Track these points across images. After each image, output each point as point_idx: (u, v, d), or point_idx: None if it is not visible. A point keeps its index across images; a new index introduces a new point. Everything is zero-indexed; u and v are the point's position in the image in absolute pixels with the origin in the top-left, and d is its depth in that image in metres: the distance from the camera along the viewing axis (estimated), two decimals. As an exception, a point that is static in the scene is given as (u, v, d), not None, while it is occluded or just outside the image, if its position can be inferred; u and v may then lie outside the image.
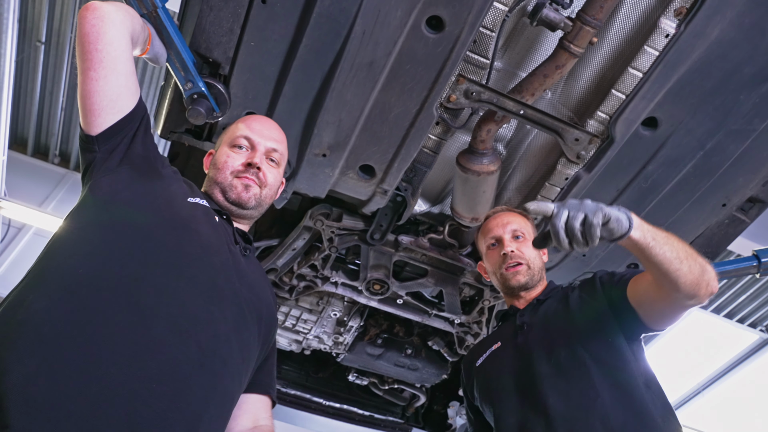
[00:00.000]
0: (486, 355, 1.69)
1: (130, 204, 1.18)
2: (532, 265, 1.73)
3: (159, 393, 0.96)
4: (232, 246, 1.28)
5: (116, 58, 1.18)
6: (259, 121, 1.52)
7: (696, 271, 1.28)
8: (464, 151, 1.91)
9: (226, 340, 1.12)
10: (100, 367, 0.94)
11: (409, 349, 2.61)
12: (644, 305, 1.46)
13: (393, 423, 2.86)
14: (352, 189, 1.95)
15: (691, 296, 1.32)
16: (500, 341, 1.69)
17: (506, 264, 1.72)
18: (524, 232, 1.77)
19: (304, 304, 2.45)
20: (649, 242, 1.26)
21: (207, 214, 1.28)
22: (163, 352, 1.00)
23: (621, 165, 1.85)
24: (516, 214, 1.83)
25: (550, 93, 1.88)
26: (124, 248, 1.10)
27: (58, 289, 1.01)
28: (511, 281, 1.71)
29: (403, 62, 1.63)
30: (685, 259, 1.28)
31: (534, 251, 1.73)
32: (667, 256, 1.27)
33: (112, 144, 1.22)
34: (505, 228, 1.78)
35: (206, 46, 1.61)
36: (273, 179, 1.45)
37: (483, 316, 2.38)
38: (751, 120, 1.74)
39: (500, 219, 1.81)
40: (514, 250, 1.72)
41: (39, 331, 0.94)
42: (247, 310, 1.21)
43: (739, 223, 2.04)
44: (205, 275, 1.15)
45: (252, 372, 1.27)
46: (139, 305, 1.02)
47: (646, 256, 1.28)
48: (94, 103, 1.19)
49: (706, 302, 1.39)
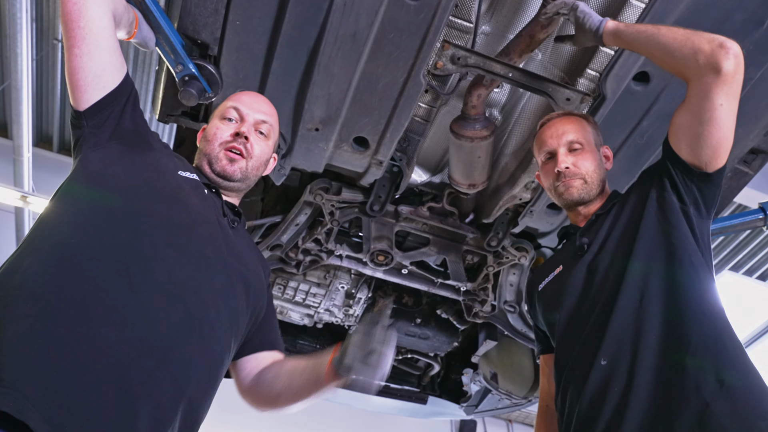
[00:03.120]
0: (548, 279, 1.61)
1: (119, 177, 1.23)
2: (589, 179, 1.55)
3: (147, 353, 1.02)
4: (221, 218, 1.33)
5: (98, 35, 1.22)
6: (249, 95, 1.55)
7: (705, 38, 1.33)
8: (457, 117, 1.92)
9: (213, 306, 1.17)
10: (91, 327, 0.99)
11: (418, 318, 2.65)
12: (681, 129, 1.40)
13: (409, 392, 2.91)
14: (348, 162, 1.98)
15: (713, 65, 1.31)
16: (562, 264, 1.58)
17: (560, 179, 1.57)
18: (582, 141, 1.58)
19: (311, 278, 2.51)
20: (632, 27, 1.39)
21: (196, 187, 1.32)
22: (151, 316, 1.05)
23: (615, 122, 1.84)
24: (573, 119, 1.63)
25: (541, 54, 1.87)
26: (113, 219, 1.15)
27: (52, 257, 1.06)
28: (565, 194, 1.56)
29: (386, 31, 1.64)
30: (686, 33, 1.35)
31: (592, 163, 1.56)
32: (667, 36, 1.36)
33: (100, 119, 1.27)
34: (560, 139, 1.58)
35: (193, 27, 1.65)
36: (260, 151, 1.46)
37: (488, 282, 2.40)
38: (746, 68, 1.69)
39: (555, 128, 1.60)
40: (570, 166, 1.55)
41: (33, 294, 1.00)
42: (234, 279, 1.25)
43: (742, 176, 2.00)
44: (192, 245, 1.20)
45: (243, 338, 1.32)
46: (128, 272, 1.07)
47: (644, 45, 1.40)
48: (80, 79, 1.23)
49: (737, 87, 1.34)
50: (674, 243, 1.38)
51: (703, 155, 1.38)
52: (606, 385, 1.29)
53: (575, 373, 1.38)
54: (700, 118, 1.34)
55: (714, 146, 1.36)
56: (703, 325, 1.28)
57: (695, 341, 1.25)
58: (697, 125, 1.36)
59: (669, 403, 1.21)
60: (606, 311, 1.36)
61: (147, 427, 0.98)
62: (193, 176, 1.36)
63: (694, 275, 1.35)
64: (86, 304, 1.01)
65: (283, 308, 2.59)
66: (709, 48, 1.31)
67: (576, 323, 1.43)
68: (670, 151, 1.44)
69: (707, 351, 1.24)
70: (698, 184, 1.41)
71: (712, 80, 1.31)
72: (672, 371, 1.24)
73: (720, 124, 1.33)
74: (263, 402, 1.38)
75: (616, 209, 1.52)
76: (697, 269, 1.36)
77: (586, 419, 1.31)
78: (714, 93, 1.32)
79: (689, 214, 1.41)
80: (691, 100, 1.36)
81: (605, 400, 1.28)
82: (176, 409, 1.05)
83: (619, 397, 1.27)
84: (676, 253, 1.37)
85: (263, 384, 1.37)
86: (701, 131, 1.35)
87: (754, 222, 2.08)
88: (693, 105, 1.36)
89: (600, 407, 1.29)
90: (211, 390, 1.18)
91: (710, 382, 1.20)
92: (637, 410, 1.24)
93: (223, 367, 1.22)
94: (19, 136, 4.21)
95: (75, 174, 1.26)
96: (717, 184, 1.42)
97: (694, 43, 1.33)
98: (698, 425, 1.17)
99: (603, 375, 1.31)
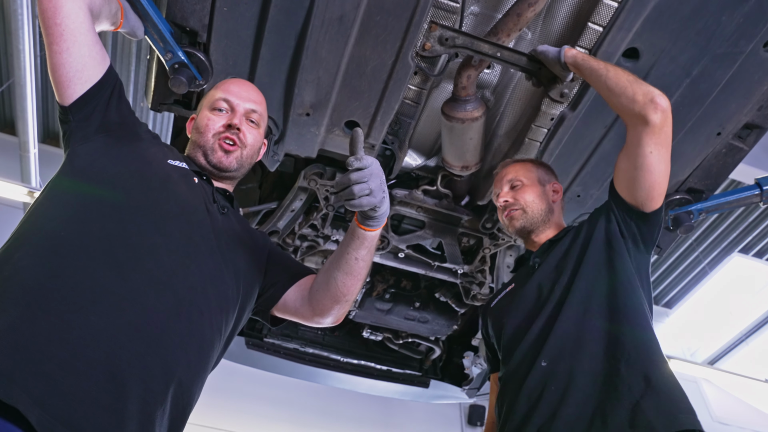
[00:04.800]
0: (500, 296, 1.77)
1: (106, 169, 1.25)
2: (528, 209, 1.76)
3: (137, 338, 1.04)
4: (210, 205, 1.34)
5: (75, 30, 1.23)
6: (237, 84, 1.56)
7: (641, 90, 1.47)
8: (448, 99, 1.92)
9: (202, 291, 1.19)
10: (81, 315, 1.01)
11: (417, 302, 2.67)
12: (620, 171, 1.56)
13: (411, 376, 2.94)
14: (341, 146, 1.99)
15: (643, 117, 1.45)
16: (515, 283, 1.76)
17: (504, 213, 1.80)
18: (522, 179, 1.80)
19: (309, 264, 2.53)
20: (588, 63, 1.56)
21: (184, 175, 1.34)
22: (140, 302, 1.07)
23: (605, 101, 1.82)
24: (520, 164, 1.86)
25: (530, 33, 1.87)
26: (101, 210, 1.17)
27: (42, 248, 1.09)
28: (509, 224, 1.79)
29: (373, 13, 1.64)
30: (628, 81, 1.49)
31: (532, 195, 1.77)
32: (613, 79, 1.51)
33: (85, 113, 1.29)
34: (502, 181, 1.83)
35: (181, 15, 1.66)
36: (253, 139, 1.49)
37: (485, 264, 2.41)
38: (737, 42, 1.69)
39: (501, 174, 1.85)
40: (508, 199, 1.78)
41: (23, 284, 1.03)
42: (224, 264, 1.27)
43: (737, 152, 1.99)
44: (180, 232, 1.21)
45: (235, 320, 1.34)
46: (117, 261, 1.10)
47: (596, 83, 1.56)
48: (62, 75, 1.25)
49: (665, 138, 1.48)
50: (617, 267, 1.55)
51: (638, 197, 1.54)
52: (544, 385, 1.43)
53: (516, 375, 1.51)
54: (634, 164, 1.50)
55: (648, 189, 1.51)
56: (635, 338, 1.44)
57: (629, 350, 1.41)
58: (632, 170, 1.51)
59: (604, 403, 1.35)
60: (550, 321, 1.51)
61: (137, 408, 1.01)
62: (182, 165, 1.38)
63: (633, 296, 1.52)
64: (76, 292, 1.03)
65: (283, 294, 2.61)
66: (642, 101, 1.46)
67: (520, 333, 1.56)
68: (613, 191, 1.62)
69: (638, 358, 1.40)
70: (636, 222, 1.57)
71: (642, 129, 1.46)
72: (609, 376, 1.39)
73: (651, 170, 1.48)
74: (330, 300, 1.37)
75: (570, 237, 1.68)
76: (635, 291, 1.53)
77: (522, 416, 1.43)
78: (644, 141, 1.46)
79: (628, 248, 1.58)
80: (628, 145, 1.52)
81: (542, 398, 1.41)
82: (166, 391, 1.07)
83: (557, 394, 1.39)
84: (618, 277, 1.54)
85: (316, 290, 1.38)
86: (635, 175, 1.51)
87: (750, 198, 2.07)
88: (629, 151, 1.52)
89: (537, 404, 1.41)
90: (202, 373, 1.20)
91: (639, 383, 1.36)
92: (573, 407, 1.37)
93: (213, 350, 1.23)
94: (25, 133, 4.26)
95: (63, 168, 1.29)
96: (655, 223, 1.58)
97: (632, 93, 1.48)
98: (628, 420, 1.31)
99: (542, 375, 1.44)
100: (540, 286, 1.61)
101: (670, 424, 1.30)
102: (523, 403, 1.44)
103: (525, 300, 1.62)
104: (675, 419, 1.31)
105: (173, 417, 1.10)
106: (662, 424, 1.29)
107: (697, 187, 2.14)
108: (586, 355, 1.43)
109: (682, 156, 1.98)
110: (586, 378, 1.39)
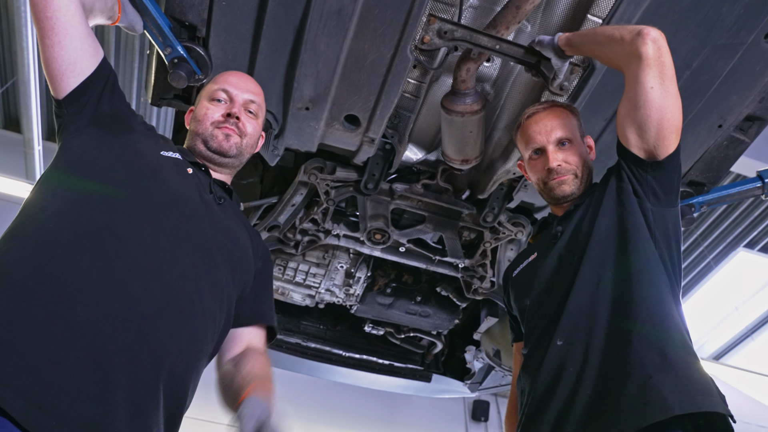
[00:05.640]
0: (522, 266, 1.66)
1: (97, 161, 1.26)
2: (580, 173, 1.57)
3: (124, 328, 1.04)
4: (205, 195, 1.35)
5: (66, 23, 1.24)
6: (235, 76, 1.57)
7: (627, 30, 1.42)
8: (447, 93, 1.91)
9: (193, 280, 1.19)
10: (67, 306, 1.01)
11: (418, 296, 2.67)
12: (623, 118, 1.46)
13: (413, 370, 2.94)
14: (340, 140, 1.99)
15: (634, 52, 1.38)
16: (537, 252, 1.63)
17: (551, 177, 1.56)
18: (570, 136, 1.58)
19: (310, 258, 2.54)
20: (578, 35, 1.56)
21: (177, 165, 1.35)
22: (127, 292, 1.08)
23: (606, 92, 1.82)
24: (559, 112, 1.62)
25: (530, 25, 1.86)
26: (91, 202, 1.17)
27: (30, 241, 1.10)
28: (556, 191, 1.56)
29: (371, 6, 1.64)
30: (614, 28, 1.47)
31: (581, 157, 1.58)
32: (600, 34, 1.49)
33: (78, 106, 1.30)
34: (549, 136, 1.57)
35: (180, 9, 1.67)
36: (252, 129, 1.50)
37: (486, 258, 2.41)
38: (737, 33, 1.68)
39: (543, 124, 1.58)
40: (561, 164, 1.55)
41: (9, 278, 1.03)
42: (218, 253, 1.28)
43: (738, 144, 1.98)
44: (171, 221, 1.22)
45: (232, 309, 1.35)
46: (104, 251, 1.10)
47: (588, 47, 1.54)
48: (55, 68, 1.26)
49: (666, 70, 1.40)
50: (629, 229, 1.43)
51: (649, 140, 1.42)
52: (561, 366, 1.35)
53: (536, 354, 1.44)
54: (636, 104, 1.40)
55: (656, 128, 1.40)
56: (649, 307, 1.34)
57: (641, 321, 1.31)
58: (635, 111, 1.41)
59: (614, 379, 1.27)
60: (564, 295, 1.42)
61: (125, 397, 1.01)
62: (175, 155, 1.38)
63: (645, 262, 1.40)
64: (62, 283, 1.04)
65: (284, 289, 2.63)
66: (630, 37, 1.39)
67: (542, 308, 1.48)
68: (620, 146, 1.50)
69: (652, 330, 1.30)
70: (652, 174, 1.45)
71: (636, 66, 1.38)
72: (619, 348, 1.30)
73: (656, 106, 1.38)
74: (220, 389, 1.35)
75: (589, 199, 1.55)
76: (648, 257, 1.41)
77: (541, 401, 1.36)
78: (642, 78, 1.38)
79: (645, 207, 1.45)
80: (627, 89, 1.44)
81: (560, 381, 1.34)
82: (157, 381, 1.07)
83: (574, 377, 1.32)
84: (630, 240, 1.42)
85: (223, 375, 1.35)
86: (640, 116, 1.41)
87: (753, 191, 2.05)
88: (628, 93, 1.43)
89: (555, 388, 1.34)
90: (196, 362, 1.20)
91: (653, 357, 1.27)
92: (589, 389, 1.29)
93: (207, 339, 1.23)
94: (29, 130, 4.30)
95: (56, 161, 1.29)
96: (672, 170, 1.46)
97: (619, 35, 1.42)
98: (640, 396, 1.22)
99: (559, 355, 1.37)
100: (561, 257, 1.50)
101: (687, 404, 1.20)
102: (541, 387, 1.37)
103: (546, 273, 1.51)
104: (692, 400, 1.21)
105: (169, 407, 1.10)
106: (678, 402, 1.19)
107: (698, 180, 2.12)
108: (600, 331, 1.33)
109: (683, 148, 1.95)
110: (600, 355, 1.31)
